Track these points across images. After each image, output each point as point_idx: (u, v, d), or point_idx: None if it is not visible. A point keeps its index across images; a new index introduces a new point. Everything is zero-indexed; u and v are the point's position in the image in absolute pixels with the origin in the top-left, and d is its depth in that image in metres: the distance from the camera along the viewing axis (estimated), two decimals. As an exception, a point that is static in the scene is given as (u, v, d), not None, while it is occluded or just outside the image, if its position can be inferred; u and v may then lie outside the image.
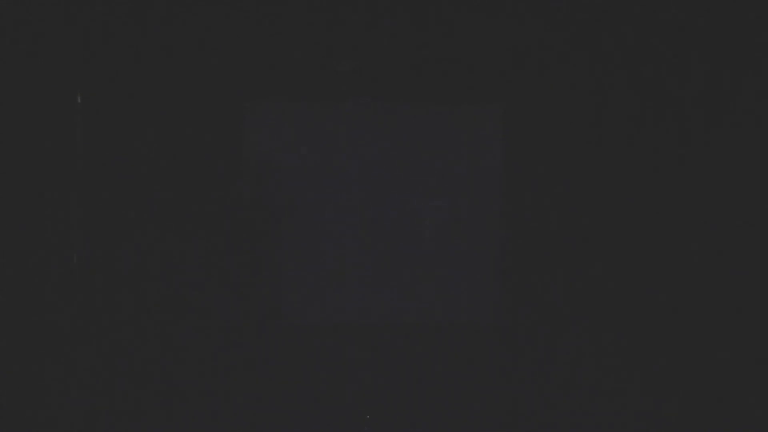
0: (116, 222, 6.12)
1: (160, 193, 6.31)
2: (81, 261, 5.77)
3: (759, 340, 5.47)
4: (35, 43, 5.63)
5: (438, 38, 6.55)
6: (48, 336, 5.35)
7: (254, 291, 6.14)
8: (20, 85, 5.48)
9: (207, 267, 6.35)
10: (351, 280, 7.02)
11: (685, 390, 4.85)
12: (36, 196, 5.54)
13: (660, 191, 6.46)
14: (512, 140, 6.90)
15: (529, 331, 6.59)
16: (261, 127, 6.84)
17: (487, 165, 6.97)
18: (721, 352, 5.49)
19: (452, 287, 7.01)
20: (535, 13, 6.42)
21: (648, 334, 6.17)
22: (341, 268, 7.00)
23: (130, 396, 4.76)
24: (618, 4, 6.28)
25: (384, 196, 7.04)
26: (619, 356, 5.86)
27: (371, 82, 6.76)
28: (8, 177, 5.39)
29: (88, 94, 5.93)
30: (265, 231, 6.81)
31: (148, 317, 5.95)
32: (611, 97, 6.61)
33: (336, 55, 6.57)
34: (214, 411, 4.53)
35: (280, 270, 6.82)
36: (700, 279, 6.12)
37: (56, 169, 5.75)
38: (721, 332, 5.79)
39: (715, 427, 4.30)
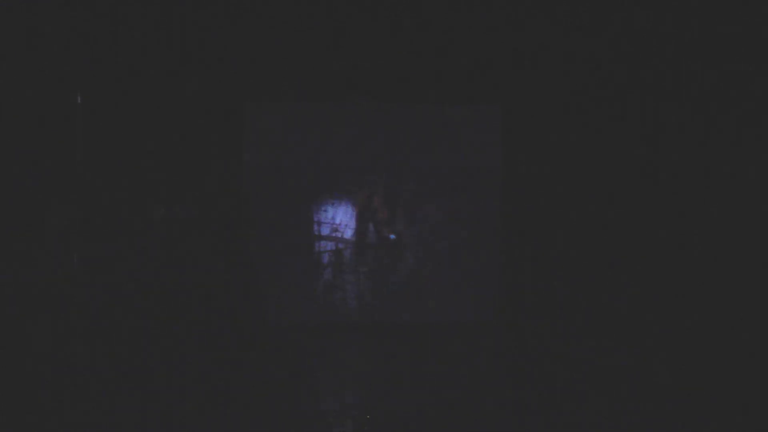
0: (116, 222, 6.12)
1: (159, 192, 6.31)
2: (81, 261, 5.77)
3: (759, 340, 5.48)
4: (35, 43, 5.63)
5: (438, 38, 6.56)
6: (48, 335, 5.35)
7: (256, 290, 6.15)
8: (20, 85, 5.49)
9: (207, 265, 6.35)
10: (351, 280, 7.02)
11: (684, 389, 4.86)
12: (36, 196, 5.54)
13: (659, 190, 6.47)
14: (511, 140, 6.91)
15: (529, 331, 6.59)
16: (261, 127, 6.84)
17: (486, 164, 6.98)
18: (721, 351, 5.50)
19: (452, 287, 7.02)
20: (535, 13, 6.44)
21: (647, 333, 6.18)
22: (341, 267, 7.00)
23: (127, 395, 4.76)
24: (617, 5, 6.29)
25: (383, 195, 7.05)
26: (618, 355, 5.87)
27: (371, 82, 6.77)
28: (8, 177, 5.39)
29: (88, 94, 5.94)
30: (265, 230, 6.81)
31: (148, 315, 5.95)
32: (610, 97, 6.62)
33: (336, 55, 6.58)
34: (212, 410, 4.53)
35: (281, 269, 6.82)
36: (699, 278, 6.13)
37: (56, 169, 5.76)
38: (721, 332, 5.80)
39: (715, 426, 4.30)
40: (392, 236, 7.01)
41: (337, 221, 6.97)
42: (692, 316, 6.07)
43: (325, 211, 6.96)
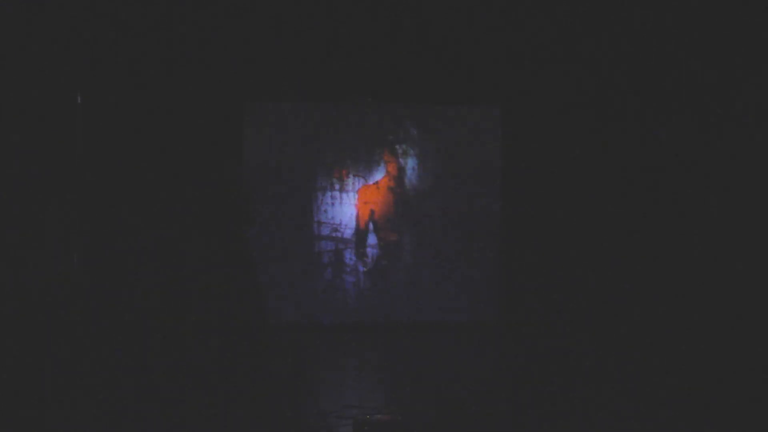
0: (115, 222, 6.12)
1: (159, 192, 6.32)
2: (81, 261, 5.77)
3: (759, 340, 5.48)
4: (35, 43, 5.63)
5: (438, 38, 6.56)
6: (48, 335, 5.35)
7: (256, 289, 6.14)
8: (20, 85, 5.48)
9: (207, 265, 6.35)
10: (351, 280, 7.02)
11: (684, 389, 4.86)
12: (36, 196, 5.54)
13: (659, 190, 6.47)
14: (511, 140, 6.92)
15: (529, 331, 6.59)
16: (261, 127, 6.84)
17: (486, 164, 6.98)
18: (721, 351, 5.50)
19: (452, 287, 7.02)
20: (534, 13, 6.44)
21: (647, 333, 6.18)
22: (341, 267, 7.00)
23: (127, 395, 4.76)
24: (617, 5, 6.29)
25: (384, 195, 7.05)
26: (618, 356, 5.86)
27: (371, 82, 6.77)
28: (8, 177, 5.39)
29: (88, 94, 5.94)
30: (266, 230, 6.81)
31: (148, 315, 5.95)
32: (610, 97, 6.62)
33: (336, 55, 6.58)
34: (212, 410, 4.54)
35: (281, 269, 6.82)
36: (699, 278, 6.13)
37: (56, 169, 5.75)
38: (721, 332, 5.80)
39: (715, 426, 4.30)
40: (392, 237, 7.01)
41: (337, 221, 6.98)
42: (692, 316, 6.06)
43: (325, 211, 6.96)
